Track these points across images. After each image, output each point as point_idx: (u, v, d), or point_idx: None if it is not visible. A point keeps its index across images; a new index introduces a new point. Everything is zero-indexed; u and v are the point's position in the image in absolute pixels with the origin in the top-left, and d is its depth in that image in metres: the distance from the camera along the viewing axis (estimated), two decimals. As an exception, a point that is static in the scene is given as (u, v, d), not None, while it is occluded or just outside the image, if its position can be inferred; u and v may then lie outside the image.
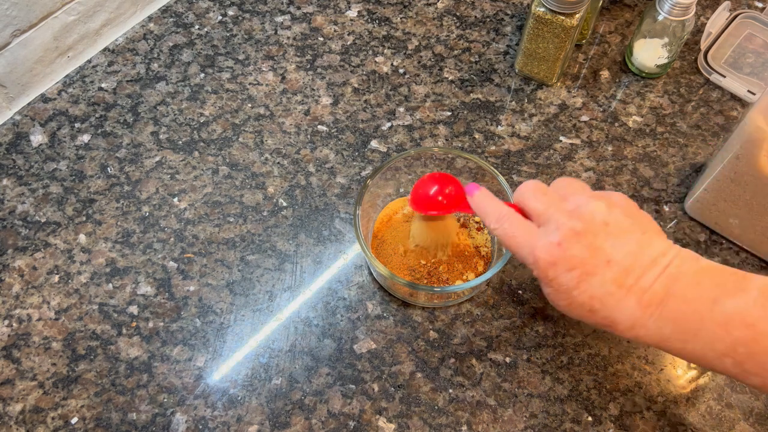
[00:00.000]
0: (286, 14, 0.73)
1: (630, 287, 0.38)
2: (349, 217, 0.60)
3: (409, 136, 0.65)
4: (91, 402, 0.51)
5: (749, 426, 0.51)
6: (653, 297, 0.38)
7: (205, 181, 0.62)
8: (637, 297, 0.38)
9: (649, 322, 0.38)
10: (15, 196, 0.60)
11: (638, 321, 0.38)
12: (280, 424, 0.51)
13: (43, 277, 0.56)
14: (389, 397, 0.52)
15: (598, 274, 0.38)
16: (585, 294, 0.38)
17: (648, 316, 0.38)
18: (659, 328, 0.38)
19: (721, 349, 0.36)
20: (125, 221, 0.59)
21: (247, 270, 0.57)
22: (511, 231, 0.42)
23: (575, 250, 0.38)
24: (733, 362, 0.36)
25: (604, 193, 0.41)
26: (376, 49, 0.70)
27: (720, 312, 0.36)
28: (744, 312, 0.36)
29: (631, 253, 0.38)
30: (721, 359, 0.37)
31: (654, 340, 0.38)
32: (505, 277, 0.57)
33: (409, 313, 0.55)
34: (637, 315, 0.38)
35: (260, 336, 0.54)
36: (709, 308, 0.37)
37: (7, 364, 0.53)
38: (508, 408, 0.52)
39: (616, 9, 0.74)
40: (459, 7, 0.74)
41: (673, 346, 0.38)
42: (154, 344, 0.54)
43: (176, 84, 0.67)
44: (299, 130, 0.65)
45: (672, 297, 0.38)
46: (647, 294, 0.38)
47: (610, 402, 0.52)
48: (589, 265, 0.38)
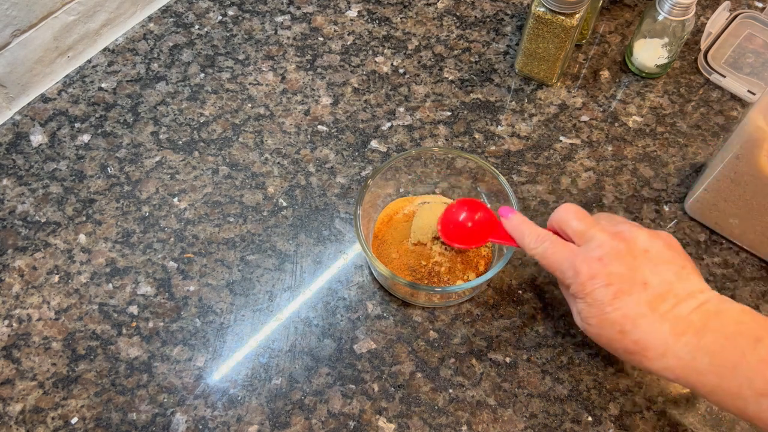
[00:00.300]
0: (286, 14, 0.73)
1: (664, 313, 0.38)
2: (349, 217, 0.60)
3: (409, 136, 0.65)
4: (91, 402, 0.51)
5: (749, 426, 0.51)
6: (689, 326, 0.37)
7: (205, 181, 0.62)
8: (672, 324, 0.38)
9: (682, 352, 0.37)
10: (15, 196, 0.60)
11: (670, 349, 0.37)
12: (280, 424, 0.51)
13: (43, 277, 0.56)
14: (389, 397, 0.52)
15: (634, 294, 0.38)
16: (618, 312, 0.38)
17: (682, 345, 0.37)
18: (693, 360, 0.37)
19: (760, 388, 0.35)
20: (125, 221, 0.59)
21: (247, 270, 0.57)
22: (552, 249, 0.43)
23: (615, 266, 0.39)
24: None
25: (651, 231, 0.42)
26: (376, 49, 0.70)
27: (764, 350, 0.36)
28: None
29: (668, 282, 0.39)
30: (758, 399, 0.36)
31: (685, 372, 0.38)
32: (505, 277, 0.57)
33: (409, 313, 0.55)
34: (669, 342, 0.37)
35: (260, 336, 0.54)
36: (752, 345, 0.36)
37: (7, 364, 0.53)
38: (508, 408, 0.52)
39: (616, 9, 0.74)
40: (459, 7, 0.74)
41: (706, 382, 0.37)
42: (154, 344, 0.54)
43: (176, 84, 0.67)
44: (299, 130, 0.65)
45: (711, 330, 0.37)
46: (682, 323, 0.37)
47: (610, 402, 0.52)
48: (627, 283, 0.38)
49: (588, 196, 0.61)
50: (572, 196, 0.61)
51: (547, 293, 0.56)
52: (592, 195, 0.61)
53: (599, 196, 0.61)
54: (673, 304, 0.38)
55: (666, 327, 0.38)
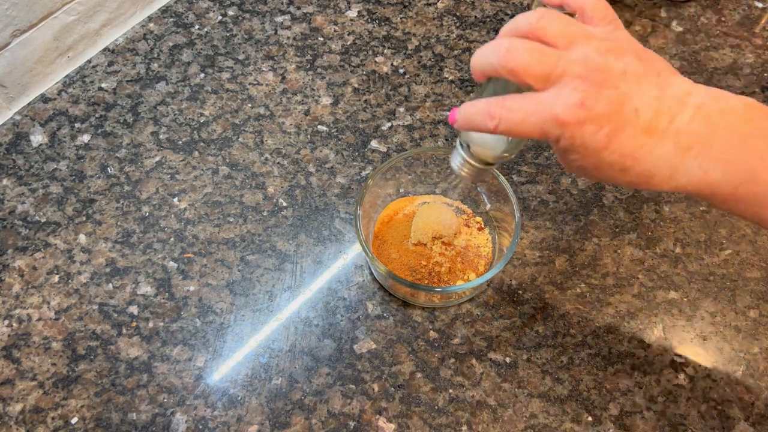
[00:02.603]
0: (286, 14, 0.73)
1: (663, 132, 0.34)
2: (349, 217, 0.60)
3: (409, 136, 0.65)
4: (91, 402, 0.51)
5: (749, 426, 0.51)
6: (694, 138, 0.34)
7: (205, 181, 0.62)
8: (674, 141, 0.34)
9: (692, 167, 0.34)
10: (15, 196, 0.60)
11: (678, 168, 0.34)
12: (280, 424, 0.51)
13: (43, 277, 0.56)
14: (389, 397, 0.52)
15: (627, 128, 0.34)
16: (615, 153, 0.34)
17: (691, 159, 0.34)
18: (706, 173, 0.34)
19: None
20: (125, 221, 0.59)
21: (247, 270, 0.57)
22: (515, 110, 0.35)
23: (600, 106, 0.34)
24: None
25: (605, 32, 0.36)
26: (376, 49, 0.70)
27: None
28: None
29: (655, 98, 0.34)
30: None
31: (698, 188, 0.34)
32: (505, 277, 0.57)
33: (409, 313, 0.55)
34: (676, 161, 0.34)
35: (260, 336, 0.54)
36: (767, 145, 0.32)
37: (7, 364, 0.53)
38: (508, 408, 0.52)
39: (616, 9, 0.73)
40: (459, 7, 0.74)
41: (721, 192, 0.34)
42: (154, 344, 0.54)
43: (176, 84, 0.67)
44: (299, 130, 0.65)
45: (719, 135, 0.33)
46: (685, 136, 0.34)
47: (610, 402, 0.52)
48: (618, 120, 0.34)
49: (588, 196, 0.61)
50: (572, 196, 0.61)
51: (547, 293, 0.56)
52: (592, 195, 0.61)
53: (599, 196, 0.61)
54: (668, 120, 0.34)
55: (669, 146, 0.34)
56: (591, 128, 0.34)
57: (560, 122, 0.34)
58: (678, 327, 0.55)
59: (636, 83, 0.34)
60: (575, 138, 0.34)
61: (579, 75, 0.34)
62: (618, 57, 0.35)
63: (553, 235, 0.59)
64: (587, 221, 0.60)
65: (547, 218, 0.60)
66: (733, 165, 0.33)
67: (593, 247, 0.58)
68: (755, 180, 0.33)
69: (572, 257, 0.58)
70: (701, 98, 0.34)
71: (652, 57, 0.36)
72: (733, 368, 0.53)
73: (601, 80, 0.34)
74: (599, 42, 0.35)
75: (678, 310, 0.56)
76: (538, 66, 0.34)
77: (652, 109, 0.34)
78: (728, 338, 0.54)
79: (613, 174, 0.35)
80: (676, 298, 0.56)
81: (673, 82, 0.35)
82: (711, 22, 0.72)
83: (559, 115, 0.34)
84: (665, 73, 0.35)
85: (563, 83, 0.34)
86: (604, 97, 0.34)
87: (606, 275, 0.57)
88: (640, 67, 0.35)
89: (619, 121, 0.34)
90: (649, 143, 0.34)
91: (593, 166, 0.35)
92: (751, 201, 0.33)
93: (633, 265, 0.58)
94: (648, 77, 0.35)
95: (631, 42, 0.36)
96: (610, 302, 0.56)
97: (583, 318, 0.55)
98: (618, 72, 0.34)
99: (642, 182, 0.35)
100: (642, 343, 0.54)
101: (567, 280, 0.57)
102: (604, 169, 0.35)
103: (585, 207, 0.61)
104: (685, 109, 0.34)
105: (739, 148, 0.33)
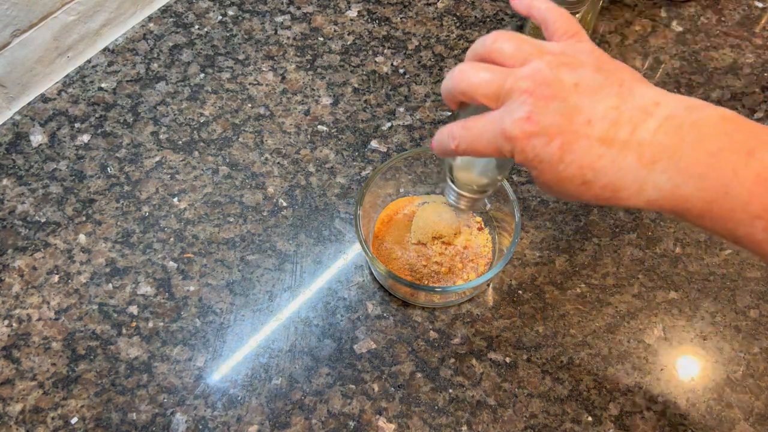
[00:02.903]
0: (286, 14, 0.73)
1: (624, 143, 0.32)
2: (349, 217, 0.60)
3: (409, 136, 0.65)
4: (91, 402, 0.51)
5: (749, 426, 0.51)
6: (659, 150, 0.32)
7: (205, 181, 0.62)
8: (637, 153, 0.32)
9: (660, 181, 0.32)
10: (15, 196, 0.60)
11: (646, 181, 0.32)
12: (280, 424, 0.51)
13: (43, 277, 0.56)
14: (389, 397, 0.52)
15: (581, 139, 0.32)
16: (573, 165, 0.33)
17: (659, 173, 0.32)
18: (677, 187, 0.32)
19: (755, 211, 0.30)
20: (125, 221, 0.59)
21: (247, 270, 0.57)
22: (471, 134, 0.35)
23: (548, 118, 0.33)
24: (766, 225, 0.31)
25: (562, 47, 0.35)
26: (376, 49, 0.70)
27: (759, 166, 0.30)
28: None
29: (613, 107, 0.33)
30: (751, 222, 0.31)
31: (670, 203, 0.32)
32: (505, 277, 0.57)
33: (409, 313, 0.55)
34: (642, 174, 0.32)
35: (260, 336, 0.54)
36: (743, 161, 0.30)
37: (7, 364, 0.53)
38: (508, 408, 0.52)
39: (616, 9, 0.74)
40: (459, 7, 0.74)
41: (695, 208, 0.32)
42: (154, 344, 0.54)
43: (176, 84, 0.67)
44: (299, 130, 0.65)
45: (689, 147, 0.31)
46: (649, 148, 0.32)
47: (610, 402, 0.52)
48: (568, 131, 0.33)
49: (588, 196, 0.61)
50: (572, 196, 0.61)
51: (547, 293, 0.56)
52: (592, 195, 0.61)
53: (599, 196, 0.61)
54: (629, 130, 0.32)
55: (631, 158, 0.32)
56: (541, 141, 0.33)
57: (508, 137, 0.34)
58: (678, 327, 0.55)
59: (590, 95, 0.33)
60: (527, 152, 0.34)
61: (526, 90, 0.33)
62: (572, 70, 0.34)
63: (553, 235, 0.59)
64: (587, 221, 0.60)
65: (547, 218, 0.60)
66: (706, 180, 0.31)
67: (593, 247, 0.58)
68: (730, 196, 0.31)
69: (572, 257, 0.58)
70: (671, 108, 0.33)
71: (615, 67, 0.35)
72: (733, 368, 0.53)
73: (550, 94, 0.33)
74: (553, 56, 0.35)
75: (678, 310, 0.56)
76: (486, 86, 0.35)
77: (609, 120, 0.33)
78: (728, 338, 0.54)
79: (576, 189, 0.34)
80: (676, 298, 0.56)
81: (638, 92, 0.34)
82: (711, 22, 0.72)
83: (507, 129, 0.34)
84: (629, 83, 0.34)
85: (512, 99, 0.34)
86: (552, 110, 0.33)
87: (606, 275, 0.57)
88: (596, 79, 0.34)
89: (569, 132, 0.33)
90: (608, 154, 0.32)
91: (555, 182, 0.34)
92: (727, 218, 0.32)
93: (633, 265, 0.58)
94: (606, 88, 0.34)
95: (593, 53, 0.35)
96: (610, 302, 0.56)
97: (583, 318, 0.55)
98: (569, 84, 0.33)
99: (610, 197, 0.34)
100: (642, 343, 0.54)
101: (567, 280, 0.57)
102: (566, 184, 0.34)
103: (585, 207, 0.61)
104: (650, 119, 0.32)
105: (712, 163, 0.31)
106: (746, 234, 0.31)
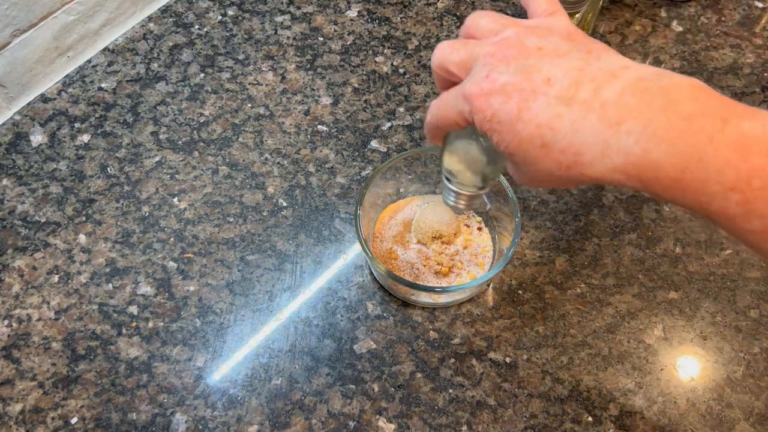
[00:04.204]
0: (286, 14, 0.73)
1: (585, 102, 0.30)
2: (349, 217, 0.60)
3: (409, 136, 0.65)
4: (91, 402, 0.51)
5: (749, 426, 0.51)
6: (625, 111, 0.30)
7: (205, 181, 0.62)
8: (599, 114, 0.30)
9: (627, 144, 0.29)
10: (15, 196, 0.60)
11: (611, 144, 0.30)
12: (280, 424, 0.51)
13: (43, 277, 0.56)
14: (389, 397, 0.52)
15: (539, 97, 0.31)
16: (531, 124, 0.31)
17: (624, 135, 0.30)
18: (646, 152, 0.29)
19: (729, 182, 0.28)
20: (125, 221, 0.59)
21: (247, 270, 0.57)
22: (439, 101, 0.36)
23: (505, 76, 0.32)
24: (741, 199, 0.29)
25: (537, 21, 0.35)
26: (376, 49, 0.70)
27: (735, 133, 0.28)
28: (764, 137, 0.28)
29: (576, 68, 0.31)
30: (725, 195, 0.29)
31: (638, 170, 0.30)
32: (505, 277, 0.57)
33: (409, 313, 0.55)
34: (606, 136, 0.30)
35: (260, 336, 0.54)
36: (719, 128, 0.28)
37: (7, 364, 0.53)
38: (508, 408, 0.52)
39: (616, 9, 0.74)
40: (459, 7, 0.74)
41: (666, 176, 0.29)
42: (154, 344, 0.54)
43: (176, 84, 0.67)
44: (299, 130, 0.65)
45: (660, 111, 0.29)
46: (614, 109, 0.30)
47: (610, 402, 0.52)
48: (526, 88, 0.32)
49: (588, 197, 0.61)
50: (572, 196, 0.61)
51: (547, 293, 0.56)
52: (592, 195, 0.61)
53: (599, 196, 0.61)
54: (592, 89, 0.30)
55: (593, 118, 0.30)
56: (498, 99, 0.32)
57: (467, 96, 0.33)
58: (678, 327, 0.55)
59: (552, 57, 0.32)
60: (485, 110, 0.33)
61: (488, 53, 0.33)
62: (539, 37, 0.33)
63: (553, 235, 0.59)
64: (587, 221, 0.60)
65: (547, 218, 0.60)
66: (677, 145, 0.29)
67: (593, 247, 0.58)
68: (703, 163, 0.29)
69: (572, 257, 0.58)
70: (639, 72, 0.31)
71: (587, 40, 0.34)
72: (733, 368, 0.53)
73: (511, 55, 0.33)
74: (524, 28, 0.34)
75: (678, 310, 0.56)
76: (456, 54, 0.36)
77: (570, 79, 0.31)
78: (728, 338, 0.54)
79: (535, 152, 0.32)
80: (676, 298, 0.56)
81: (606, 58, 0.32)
82: (711, 22, 0.72)
83: (466, 89, 0.33)
84: (598, 52, 0.33)
85: (477, 63, 0.34)
86: (511, 70, 0.32)
87: (606, 275, 0.57)
88: (563, 45, 0.33)
89: (527, 89, 0.32)
90: (567, 113, 0.31)
91: (515, 145, 0.32)
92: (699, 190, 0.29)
93: (633, 265, 0.58)
94: (573, 53, 0.32)
95: (567, 27, 0.34)
96: (610, 302, 0.56)
97: (583, 318, 0.55)
98: (532, 47, 0.33)
99: (571, 161, 0.31)
100: (642, 343, 0.54)
101: (567, 280, 0.57)
102: (525, 147, 0.32)
103: (585, 207, 0.61)
104: (615, 80, 0.31)
105: (684, 127, 0.29)
106: (720, 209, 0.29)
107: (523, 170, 0.34)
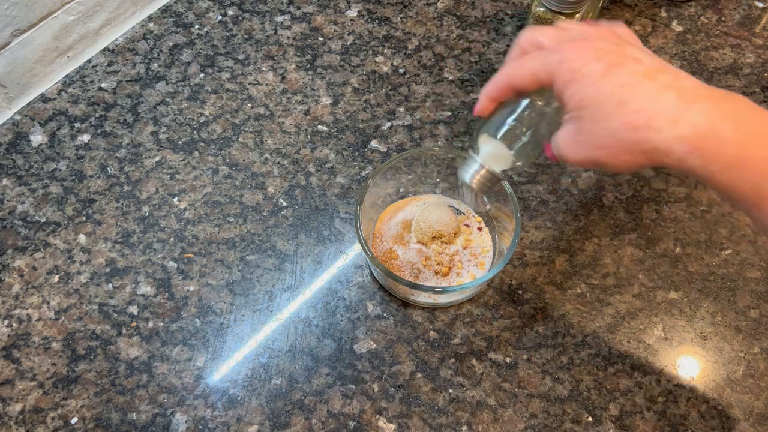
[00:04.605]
0: (286, 14, 0.73)
1: (667, 84, 0.33)
2: (349, 217, 0.60)
3: (409, 136, 0.65)
4: (91, 402, 0.51)
5: (749, 426, 0.51)
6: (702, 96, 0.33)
7: (205, 181, 0.62)
8: (678, 92, 0.33)
9: (698, 118, 0.32)
10: (15, 196, 0.60)
11: (683, 116, 0.32)
12: (280, 424, 0.51)
13: (43, 277, 0.56)
14: (389, 397, 0.52)
15: (627, 66, 0.34)
16: (614, 81, 0.34)
17: (698, 111, 0.32)
18: (713, 127, 0.32)
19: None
20: (125, 221, 0.59)
21: (247, 270, 0.57)
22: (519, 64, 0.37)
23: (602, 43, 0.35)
24: None
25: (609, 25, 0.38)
26: (376, 49, 0.70)
27: None
28: None
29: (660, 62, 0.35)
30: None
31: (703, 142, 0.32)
32: (505, 277, 0.57)
33: (409, 313, 0.55)
34: (680, 108, 0.32)
35: (260, 336, 0.54)
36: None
37: (7, 364, 0.53)
38: (508, 408, 0.52)
39: (616, 9, 0.74)
40: (459, 7, 0.74)
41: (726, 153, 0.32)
42: (154, 344, 0.54)
43: (176, 84, 0.67)
44: (299, 130, 0.65)
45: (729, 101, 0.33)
46: (691, 93, 0.33)
47: (610, 402, 0.52)
48: (618, 57, 0.34)
49: (588, 196, 0.61)
50: (572, 196, 0.61)
51: (547, 293, 0.56)
52: (592, 195, 0.61)
53: (599, 196, 0.61)
54: (672, 77, 0.33)
55: (672, 94, 0.33)
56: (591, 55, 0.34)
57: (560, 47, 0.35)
58: (678, 327, 0.55)
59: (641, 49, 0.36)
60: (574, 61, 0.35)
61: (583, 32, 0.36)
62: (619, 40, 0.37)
63: (553, 235, 0.59)
64: (587, 221, 0.60)
65: (547, 218, 0.60)
66: (743, 124, 0.32)
67: (593, 247, 0.58)
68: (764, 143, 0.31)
69: (572, 257, 0.58)
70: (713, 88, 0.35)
71: None
72: (733, 368, 0.53)
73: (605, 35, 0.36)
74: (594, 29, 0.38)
75: (678, 310, 0.56)
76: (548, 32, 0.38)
77: (656, 64, 0.34)
78: (728, 338, 0.54)
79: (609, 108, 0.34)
80: (676, 298, 0.56)
81: None
82: (711, 22, 0.72)
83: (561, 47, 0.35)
84: None
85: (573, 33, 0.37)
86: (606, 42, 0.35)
87: (606, 275, 0.57)
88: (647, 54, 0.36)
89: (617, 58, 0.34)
90: (650, 84, 0.33)
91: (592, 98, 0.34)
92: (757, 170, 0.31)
93: (633, 265, 0.58)
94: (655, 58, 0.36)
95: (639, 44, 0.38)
96: (610, 302, 0.56)
97: (583, 318, 0.55)
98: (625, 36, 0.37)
99: (641, 124, 0.33)
100: (642, 343, 0.54)
101: (567, 280, 0.57)
102: (602, 101, 0.34)
103: (585, 207, 0.61)
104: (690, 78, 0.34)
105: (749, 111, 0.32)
106: None
107: (586, 128, 0.35)
